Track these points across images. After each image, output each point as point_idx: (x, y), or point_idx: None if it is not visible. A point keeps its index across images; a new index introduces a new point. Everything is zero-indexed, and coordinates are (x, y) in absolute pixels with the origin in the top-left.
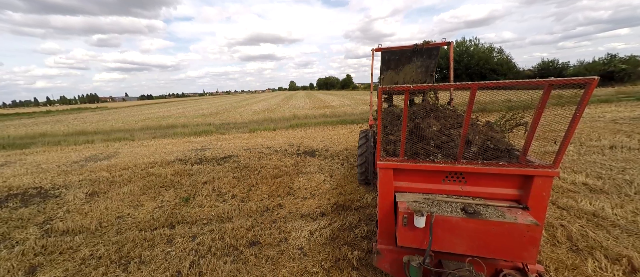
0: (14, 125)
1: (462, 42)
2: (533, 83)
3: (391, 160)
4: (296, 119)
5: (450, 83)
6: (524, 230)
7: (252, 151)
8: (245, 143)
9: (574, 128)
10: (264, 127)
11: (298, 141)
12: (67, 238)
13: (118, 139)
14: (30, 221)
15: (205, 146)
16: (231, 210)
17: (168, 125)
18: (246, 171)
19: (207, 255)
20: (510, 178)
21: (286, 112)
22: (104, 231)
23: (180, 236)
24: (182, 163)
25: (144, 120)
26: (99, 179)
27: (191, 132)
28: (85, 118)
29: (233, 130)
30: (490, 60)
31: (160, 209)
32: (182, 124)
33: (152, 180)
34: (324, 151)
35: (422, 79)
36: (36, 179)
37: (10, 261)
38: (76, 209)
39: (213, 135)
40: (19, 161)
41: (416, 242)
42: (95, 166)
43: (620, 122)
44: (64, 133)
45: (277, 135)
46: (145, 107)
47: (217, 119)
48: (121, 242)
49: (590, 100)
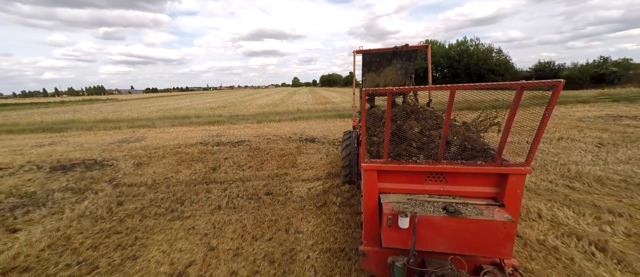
0: (37, 113)
1: (463, 42)
2: (507, 85)
3: (375, 162)
4: (299, 112)
5: (429, 85)
6: (500, 227)
7: (261, 137)
8: (255, 132)
9: (543, 127)
10: (270, 119)
11: (300, 130)
12: (133, 189)
13: (141, 126)
14: (100, 180)
15: (220, 133)
16: (249, 175)
17: (182, 116)
18: (257, 151)
19: (237, 198)
20: (488, 177)
21: (290, 107)
22: (158, 186)
23: (215, 189)
24: (203, 145)
25: (158, 111)
26: (138, 155)
27: (205, 122)
28: (100, 108)
29: (242, 121)
30: (489, 60)
31: (195, 174)
32: (194, 115)
33: (182, 156)
34: (322, 138)
35: (402, 81)
36: (86, 154)
37: (103, 199)
38: (130, 173)
39: (225, 125)
40: (63, 141)
41: (401, 242)
42: (129, 146)
43: (584, 120)
44: (90, 121)
45: (282, 126)
46: (154, 99)
47: (225, 111)
48: (173, 191)
49: (569, 101)
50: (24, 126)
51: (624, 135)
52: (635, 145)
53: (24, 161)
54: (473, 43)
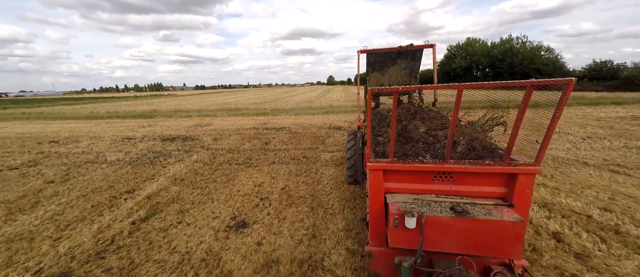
0: (125, 105)
1: (507, 40)
2: (516, 84)
3: (381, 161)
4: (331, 108)
5: (435, 84)
6: (510, 227)
7: (298, 125)
8: (293, 121)
9: (553, 127)
10: (305, 112)
11: (330, 121)
12: (218, 151)
13: (206, 116)
14: (195, 146)
15: (266, 122)
16: (291, 148)
17: (234, 109)
18: (296, 134)
19: (284, 159)
20: (496, 176)
21: (323, 103)
22: (233, 151)
23: (270, 153)
24: (255, 130)
25: (213, 105)
26: (212, 134)
27: (253, 113)
28: (166, 102)
29: (282, 114)
30: (536, 59)
31: (254, 146)
32: (243, 108)
33: (243, 135)
34: (347, 127)
35: (406, 81)
36: (177, 132)
37: (203, 154)
38: (212, 143)
39: (269, 116)
40: (156, 125)
41: (408, 242)
42: (203, 128)
43: (600, 119)
44: (167, 111)
45: (315, 118)
46: (205, 95)
47: (267, 106)
48: (243, 154)
49: (602, 102)
50: (124, 114)
51: (619, 132)
52: (618, 138)
53: (141, 135)
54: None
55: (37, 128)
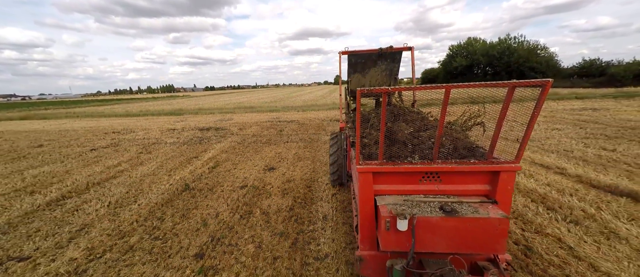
0: (151, 105)
1: (504, 40)
2: (499, 85)
3: (371, 164)
4: (335, 105)
5: (413, 85)
6: (495, 223)
7: (305, 119)
8: (301, 116)
9: (532, 125)
10: (312, 109)
11: (332, 116)
12: (245, 137)
13: (226, 113)
14: (226, 133)
15: (278, 117)
16: (299, 134)
17: (248, 107)
18: (303, 125)
19: (295, 141)
20: (481, 175)
21: (328, 101)
22: (256, 136)
23: (284, 137)
24: (270, 122)
25: (228, 104)
26: (236, 125)
27: (266, 110)
28: (184, 102)
29: (292, 111)
30: (531, 58)
31: (272, 133)
32: (257, 106)
33: (261, 126)
34: None
35: (387, 82)
36: (208, 124)
37: (234, 138)
38: (238, 131)
39: (280, 112)
40: (188, 119)
41: (400, 245)
42: (227, 122)
43: (552, 111)
44: (191, 109)
45: (320, 113)
46: (217, 96)
47: (278, 104)
48: (264, 138)
49: (568, 97)
50: (154, 112)
51: (553, 120)
52: (547, 123)
53: (180, 127)
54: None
55: (92, 124)
